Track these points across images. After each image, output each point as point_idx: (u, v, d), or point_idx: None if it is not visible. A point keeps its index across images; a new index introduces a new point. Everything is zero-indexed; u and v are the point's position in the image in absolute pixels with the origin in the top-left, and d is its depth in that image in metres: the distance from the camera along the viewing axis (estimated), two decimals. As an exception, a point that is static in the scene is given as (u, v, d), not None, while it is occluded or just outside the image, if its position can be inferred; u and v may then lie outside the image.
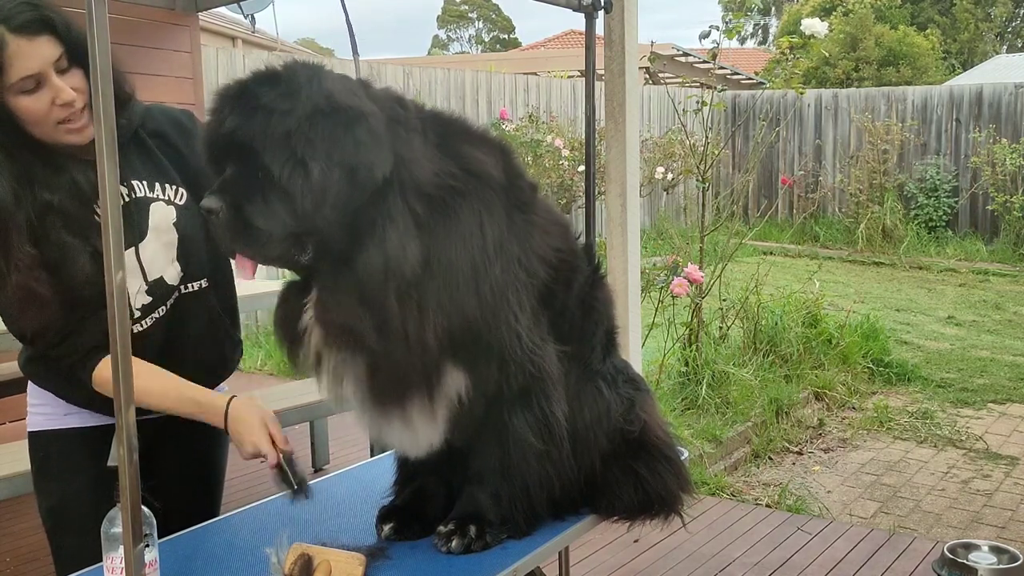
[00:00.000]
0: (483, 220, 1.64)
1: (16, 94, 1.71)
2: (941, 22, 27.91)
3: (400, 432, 1.74)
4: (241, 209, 1.58)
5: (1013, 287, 10.95)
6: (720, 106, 9.36)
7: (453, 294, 1.60)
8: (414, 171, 1.59)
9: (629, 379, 2.01)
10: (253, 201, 1.57)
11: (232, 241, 1.62)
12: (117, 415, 1.41)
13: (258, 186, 1.57)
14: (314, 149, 1.52)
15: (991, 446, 5.61)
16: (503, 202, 1.69)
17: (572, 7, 2.73)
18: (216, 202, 1.58)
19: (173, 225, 1.97)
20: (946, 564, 3.09)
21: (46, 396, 2.01)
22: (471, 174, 1.66)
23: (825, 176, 14.05)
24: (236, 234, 1.60)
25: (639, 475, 1.95)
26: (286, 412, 3.92)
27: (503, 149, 1.79)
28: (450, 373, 1.67)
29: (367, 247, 1.56)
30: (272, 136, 1.53)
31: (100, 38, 1.35)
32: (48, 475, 2.03)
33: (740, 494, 4.78)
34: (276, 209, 1.56)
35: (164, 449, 2.07)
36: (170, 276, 1.98)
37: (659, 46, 11.10)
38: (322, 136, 1.52)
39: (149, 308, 1.95)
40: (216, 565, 1.80)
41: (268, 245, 1.59)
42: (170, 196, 1.98)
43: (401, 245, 1.55)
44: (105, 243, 1.39)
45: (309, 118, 1.53)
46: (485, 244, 1.63)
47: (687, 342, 5.99)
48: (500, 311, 1.66)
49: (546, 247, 1.77)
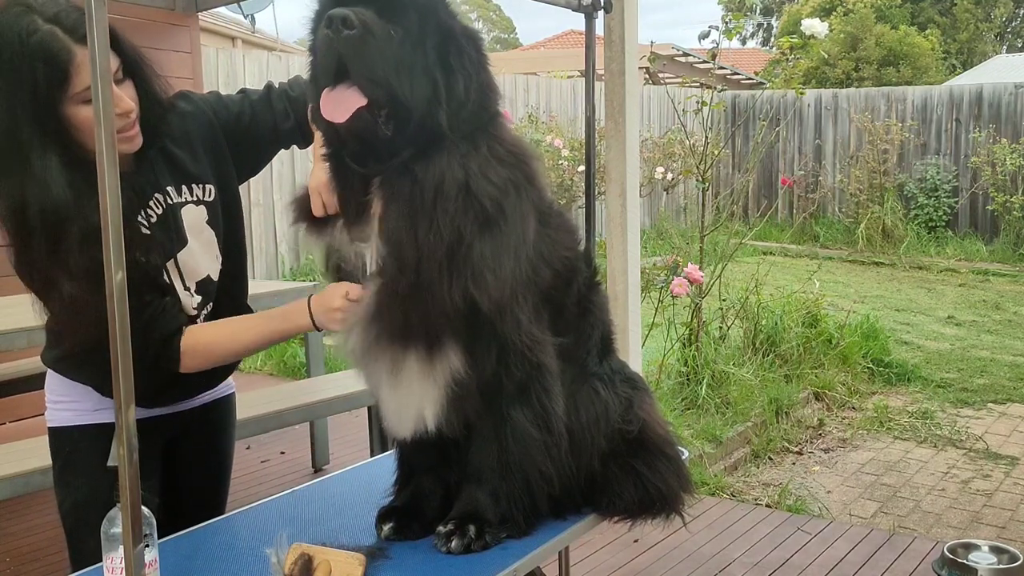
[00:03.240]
0: (527, 216, 1.70)
1: (78, 104, 1.73)
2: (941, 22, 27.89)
3: (392, 386, 1.73)
4: (376, 33, 1.55)
5: (1013, 287, 10.96)
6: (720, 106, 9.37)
7: (489, 266, 1.63)
8: (499, 136, 1.72)
9: (627, 378, 2.02)
10: (386, 36, 1.56)
11: (359, 61, 1.55)
12: (117, 415, 1.41)
13: (399, 35, 1.58)
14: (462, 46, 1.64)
15: (991, 446, 5.61)
16: (536, 206, 1.76)
17: (572, 7, 2.72)
18: (354, 16, 1.52)
19: (207, 223, 2.01)
20: (946, 564, 3.09)
21: (74, 392, 2.01)
22: (527, 169, 1.76)
23: (825, 176, 14.05)
24: (370, 54, 1.55)
25: (639, 473, 1.95)
26: (286, 412, 3.93)
27: (538, 159, 1.87)
28: (452, 341, 1.69)
29: (437, 165, 1.61)
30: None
31: (100, 38, 1.35)
32: (75, 471, 2.02)
33: (740, 494, 4.79)
34: (415, 65, 1.59)
35: (184, 440, 2.16)
36: (214, 271, 2.04)
37: (659, 46, 11.08)
38: (472, 45, 1.67)
39: (201, 306, 2.02)
40: (216, 565, 1.79)
41: (381, 85, 1.57)
42: (198, 196, 2.00)
43: (469, 182, 1.62)
44: (105, 243, 1.39)
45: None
46: (525, 238, 1.69)
47: (687, 342, 5.99)
48: (510, 300, 1.70)
49: (557, 256, 1.83)
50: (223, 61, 8.32)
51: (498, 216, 1.64)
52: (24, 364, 4.15)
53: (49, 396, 2.06)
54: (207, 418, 2.20)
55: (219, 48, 9.63)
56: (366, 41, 1.54)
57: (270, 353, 7.27)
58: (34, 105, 1.70)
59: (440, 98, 1.62)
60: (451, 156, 1.63)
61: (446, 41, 1.64)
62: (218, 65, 8.14)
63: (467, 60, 1.65)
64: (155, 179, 1.93)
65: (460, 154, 1.63)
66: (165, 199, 1.94)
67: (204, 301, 2.02)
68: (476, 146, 1.66)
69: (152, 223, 1.91)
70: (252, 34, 12.75)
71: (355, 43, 1.53)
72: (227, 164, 2.07)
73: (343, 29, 1.52)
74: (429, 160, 1.62)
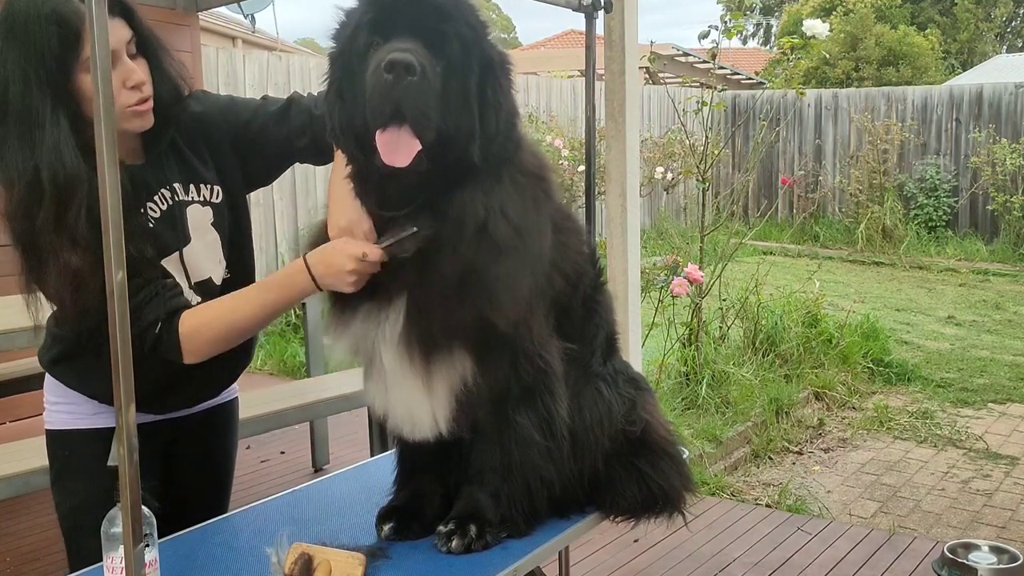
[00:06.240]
0: (544, 232, 1.74)
1: (89, 71, 1.68)
2: (941, 22, 27.88)
3: (405, 392, 1.75)
4: (430, 76, 1.55)
5: (1013, 287, 10.96)
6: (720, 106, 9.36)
7: (506, 288, 1.64)
8: (520, 161, 1.74)
9: (630, 379, 2.02)
10: (435, 74, 1.56)
11: (420, 106, 1.55)
12: (117, 415, 1.41)
13: (443, 68, 1.58)
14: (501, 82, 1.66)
15: (991, 446, 5.61)
16: (552, 218, 1.79)
17: (572, 7, 2.72)
18: (417, 63, 1.52)
19: (212, 225, 2.00)
20: (946, 564, 3.09)
21: (72, 394, 2.00)
22: (545, 184, 1.79)
23: (825, 176, 14.05)
24: (427, 100, 1.55)
25: (642, 472, 1.95)
26: (286, 412, 3.92)
27: (553, 169, 1.90)
28: (466, 350, 1.70)
29: (459, 201, 1.63)
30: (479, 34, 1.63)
31: (100, 38, 1.35)
32: (74, 474, 2.01)
33: (740, 494, 4.79)
34: (456, 98, 1.60)
35: (185, 444, 2.14)
36: (217, 275, 2.01)
37: (659, 46, 11.07)
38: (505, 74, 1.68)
39: None
40: (216, 565, 1.79)
41: (434, 127, 1.57)
42: (205, 196, 1.99)
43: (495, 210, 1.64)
44: (105, 243, 1.39)
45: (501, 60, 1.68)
46: (542, 254, 1.72)
47: (687, 342, 5.99)
48: (530, 306, 1.73)
49: (568, 262, 1.84)
50: (223, 61, 8.31)
51: (516, 243, 1.65)
52: (24, 364, 4.14)
53: (48, 398, 2.05)
54: (210, 422, 2.19)
55: (219, 48, 9.61)
56: (424, 88, 1.54)
57: (270, 352, 7.27)
58: (46, 71, 1.70)
59: (475, 133, 1.63)
60: (474, 192, 1.63)
61: (485, 73, 1.64)
62: (218, 65, 8.13)
63: (501, 92, 1.66)
64: (164, 174, 1.92)
65: (483, 191, 1.64)
66: (172, 195, 1.93)
67: (203, 303, 2.00)
68: (499, 178, 1.67)
69: (157, 218, 1.90)
70: (252, 34, 12.73)
71: (415, 89, 1.53)
72: (232, 169, 2.05)
73: (406, 76, 1.51)
74: (452, 195, 1.63)
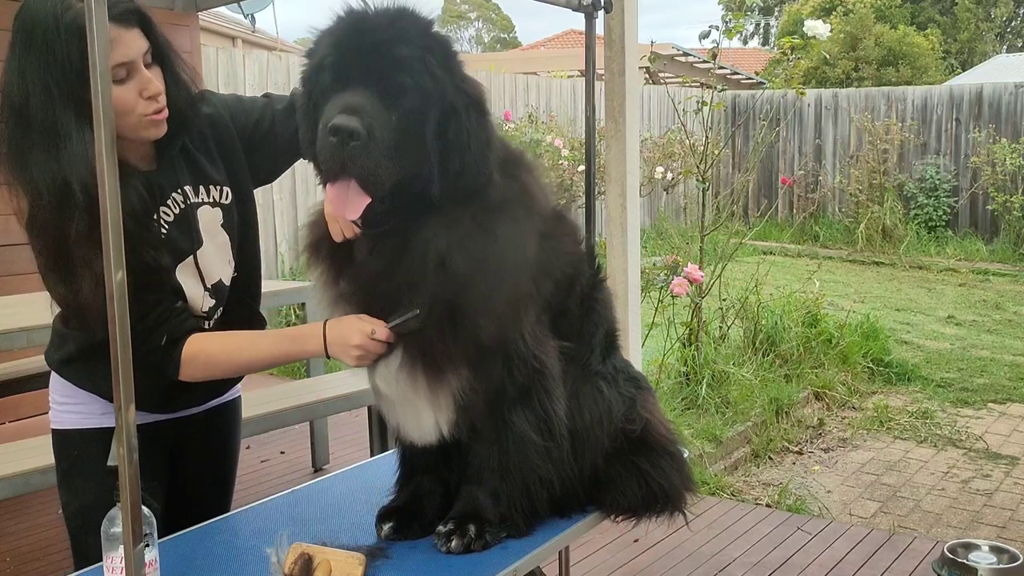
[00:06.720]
0: (527, 241, 1.73)
1: (112, 81, 1.71)
2: (941, 22, 27.89)
3: (410, 400, 1.77)
4: (377, 136, 1.57)
5: (1013, 287, 10.96)
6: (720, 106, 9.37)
7: (488, 294, 1.65)
8: (488, 194, 1.72)
9: (630, 378, 2.02)
10: (389, 130, 1.58)
11: (366, 165, 1.57)
12: (117, 415, 1.41)
13: (397, 118, 1.59)
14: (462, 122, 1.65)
15: (991, 446, 5.61)
16: (539, 227, 1.78)
17: (572, 7, 2.72)
18: (360, 127, 1.54)
19: (222, 227, 2.00)
20: (946, 564, 3.09)
21: (81, 395, 2.00)
22: (524, 197, 1.78)
23: (825, 176, 14.05)
24: (373, 159, 1.57)
25: (643, 471, 1.96)
26: (286, 412, 3.92)
27: (539, 171, 1.89)
28: (461, 359, 1.71)
29: (422, 235, 1.65)
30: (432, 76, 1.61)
31: (100, 38, 1.35)
32: (83, 474, 2.01)
33: (740, 494, 4.78)
34: (410, 145, 1.61)
35: (191, 442, 2.15)
36: (227, 276, 2.03)
37: (659, 46, 11.07)
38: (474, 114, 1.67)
39: (213, 310, 2.01)
40: (216, 565, 1.80)
41: (384, 182, 1.59)
42: (215, 198, 2.00)
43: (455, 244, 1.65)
44: (105, 243, 1.39)
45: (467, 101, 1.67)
46: (524, 262, 1.72)
47: (687, 342, 5.99)
48: (514, 317, 1.73)
49: (558, 266, 1.84)
50: (223, 61, 8.30)
51: (480, 272, 1.65)
52: (25, 364, 4.14)
53: (54, 398, 2.04)
54: (213, 423, 2.19)
55: (219, 48, 9.61)
56: (370, 150, 1.56)
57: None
58: (68, 83, 1.71)
59: (433, 175, 1.64)
60: (437, 226, 1.65)
61: (447, 118, 1.64)
62: (218, 65, 8.13)
63: (465, 134, 1.65)
64: (175, 177, 1.93)
65: (446, 224, 1.65)
66: (184, 198, 1.94)
67: (216, 305, 2.01)
68: (465, 210, 1.67)
69: (170, 222, 1.90)
70: (252, 34, 12.73)
71: (359, 153, 1.55)
72: (241, 168, 2.06)
73: (350, 141, 1.55)
74: (418, 227, 1.66)
